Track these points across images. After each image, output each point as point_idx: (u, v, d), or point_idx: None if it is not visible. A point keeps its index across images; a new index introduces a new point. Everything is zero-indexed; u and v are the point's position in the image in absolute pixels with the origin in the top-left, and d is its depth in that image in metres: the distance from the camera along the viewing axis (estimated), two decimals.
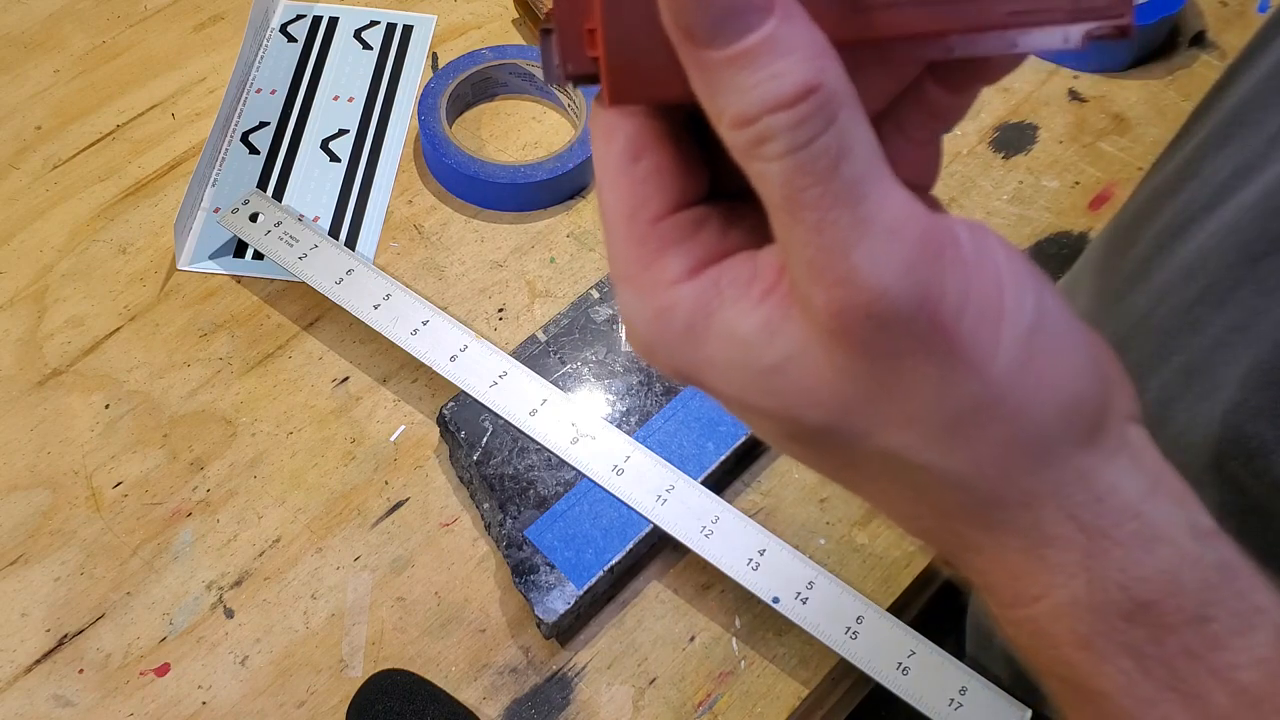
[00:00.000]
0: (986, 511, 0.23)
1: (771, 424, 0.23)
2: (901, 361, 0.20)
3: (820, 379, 0.21)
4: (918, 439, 0.22)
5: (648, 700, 0.48)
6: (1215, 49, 0.70)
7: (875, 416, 0.22)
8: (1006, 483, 0.22)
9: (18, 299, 0.58)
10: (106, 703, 0.47)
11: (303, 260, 0.56)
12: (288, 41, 0.69)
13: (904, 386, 0.21)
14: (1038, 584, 0.23)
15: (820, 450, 0.23)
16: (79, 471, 0.53)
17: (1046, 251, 0.61)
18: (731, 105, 0.19)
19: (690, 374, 0.23)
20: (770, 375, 0.22)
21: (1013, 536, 0.23)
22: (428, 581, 0.50)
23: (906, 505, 0.24)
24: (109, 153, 0.64)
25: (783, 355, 0.21)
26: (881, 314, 0.20)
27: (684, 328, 0.22)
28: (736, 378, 0.22)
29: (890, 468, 0.23)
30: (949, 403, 0.21)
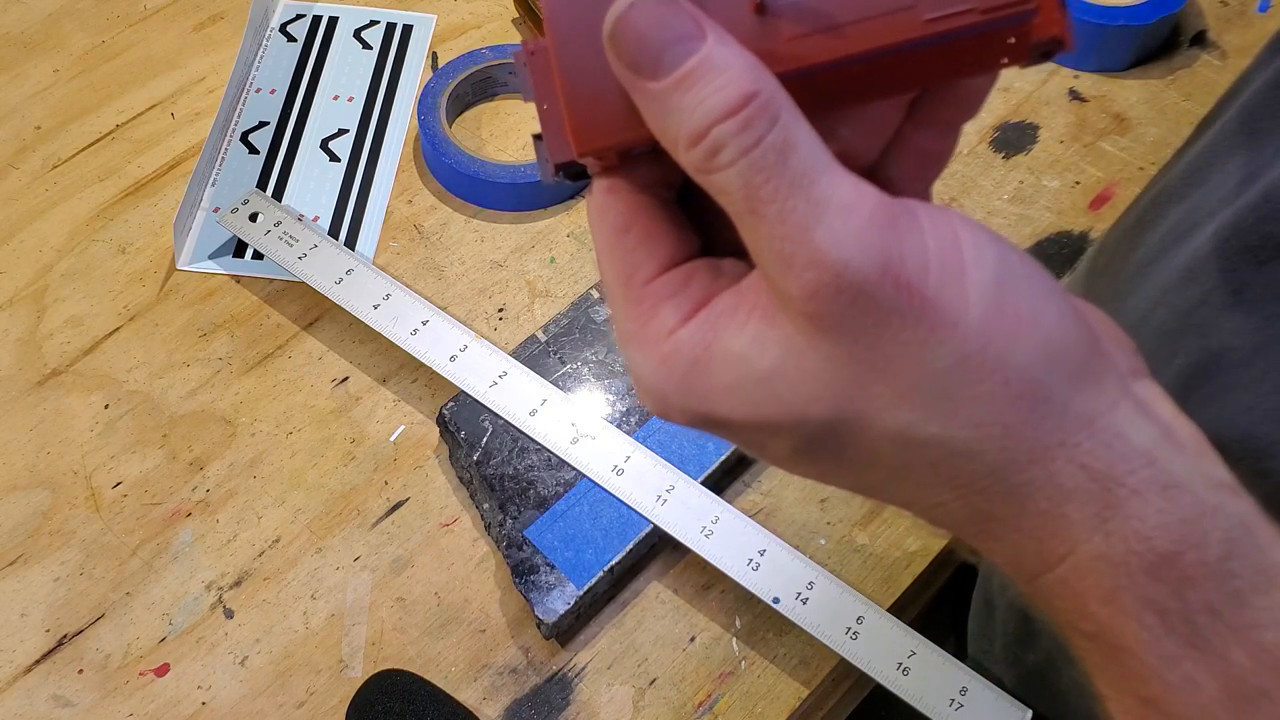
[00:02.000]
0: (999, 477, 0.23)
1: (783, 438, 0.23)
2: (880, 335, 0.21)
3: (812, 372, 0.22)
4: (917, 412, 0.22)
5: (648, 701, 0.48)
6: (1216, 49, 0.70)
7: (872, 399, 0.22)
8: (1011, 440, 0.22)
9: (17, 299, 0.58)
10: (106, 703, 0.47)
11: (302, 260, 0.56)
12: (287, 41, 0.69)
13: (889, 360, 0.22)
14: (1061, 544, 0.23)
15: (833, 454, 0.24)
16: (78, 471, 0.53)
17: (1047, 251, 0.61)
18: (683, 126, 0.21)
19: (703, 412, 0.24)
20: (769, 381, 0.22)
21: (1030, 498, 0.23)
22: (428, 582, 0.50)
23: (927, 492, 0.24)
24: (108, 152, 0.64)
25: (776, 359, 0.22)
26: (849, 286, 0.21)
27: (688, 366, 0.23)
28: (741, 395, 0.23)
29: (902, 453, 0.23)
30: (934, 366, 0.22)
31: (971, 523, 0.24)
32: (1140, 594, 0.23)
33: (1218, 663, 0.23)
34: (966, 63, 0.23)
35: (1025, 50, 0.23)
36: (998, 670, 0.48)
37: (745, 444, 0.25)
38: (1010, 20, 0.22)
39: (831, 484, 0.25)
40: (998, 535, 0.24)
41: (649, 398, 0.24)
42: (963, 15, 0.22)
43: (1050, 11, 0.23)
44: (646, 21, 0.21)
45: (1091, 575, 0.23)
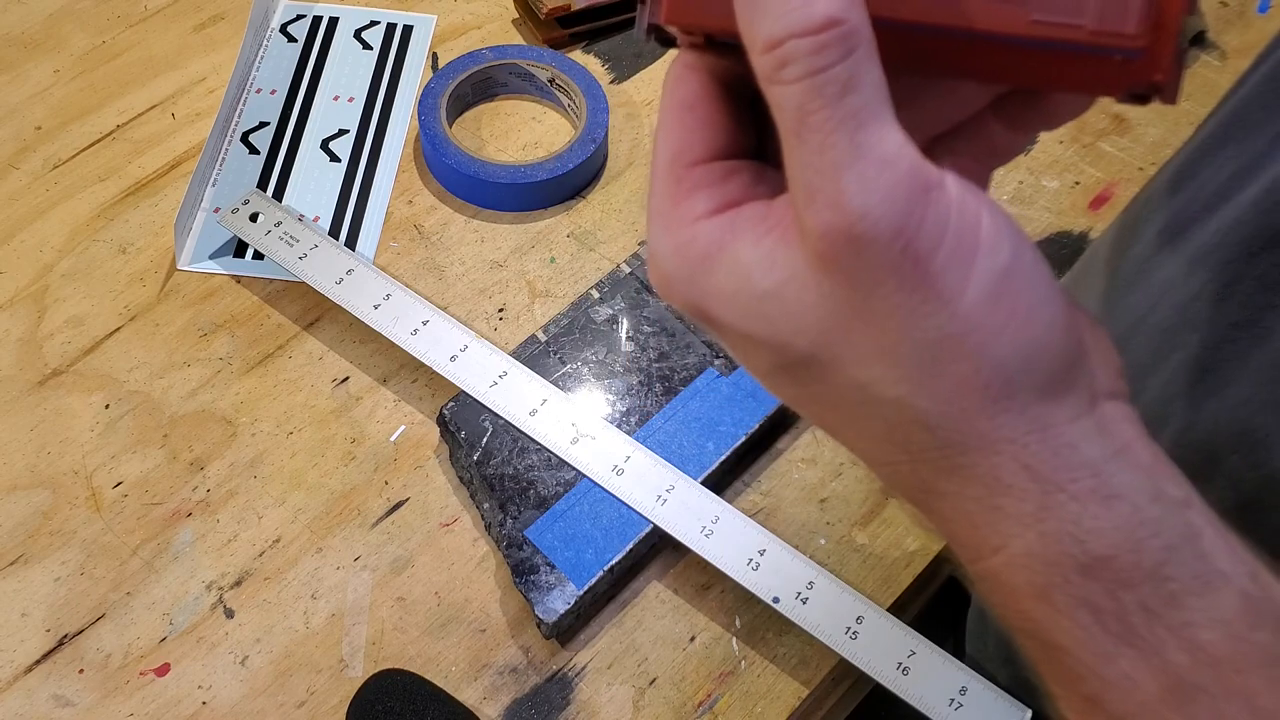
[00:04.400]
0: (949, 454, 0.24)
1: (763, 354, 0.24)
2: (875, 291, 0.22)
3: (807, 305, 0.23)
4: (888, 371, 0.23)
5: (648, 700, 0.48)
6: (1215, 49, 0.70)
7: (852, 346, 0.23)
8: (966, 423, 0.23)
9: (18, 299, 0.58)
10: (106, 703, 0.47)
11: (303, 260, 0.56)
12: (288, 41, 0.69)
13: (878, 316, 0.22)
14: (996, 535, 0.24)
15: (803, 383, 0.25)
16: (79, 471, 0.53)
17: (1046, 251, 0.61)
18: (763, 30, 0.21)
19: (699, 305, 0.24)
20: (765, 301, 0.23)
21: (971, 484, 0.24)
22: (428, 581, 0.50)
23: (880, 447, 0.25)
24: (109, 153, 0.64)
25: (777, 282, 0.23)
26: (861, 237, 0.21)
27: (699, 259, 0.24)
28: (737, 305, 0.24)
29: (865, 402, 0.24)
30: (917, 335, 0.22)
31: (919, 491, 0.25)
32: (1073, 592, 0.23)
33: (1155, 660, 0.23)
34: (1061, 77, 0.23)
35: (1121, 86, 0.22)
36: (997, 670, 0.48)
37: (729, 347, 0.26)
38: (1113, 51, 0.22)
39: (799, 410, 0.26)
40: (941, 511, 0.25)
41: (656, 276, 0.25)
42: (1068, 29, 0.21)
43: (1160, 57, 0.22)
44: None
45: (1024, 571, 0.24)
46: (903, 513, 0.53)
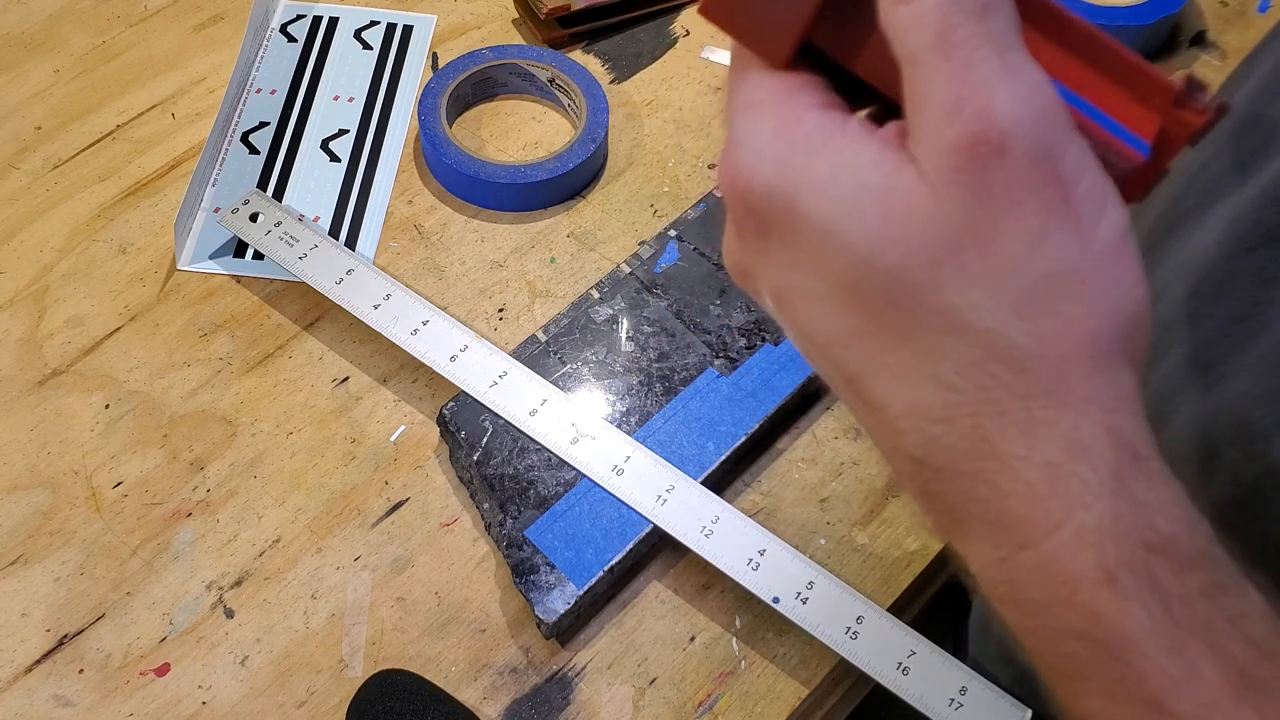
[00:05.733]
0: (1030, 405, 0.22)
1: (836, 263, 0.22)
2: (1011, 209, 0.21)
3: (916, 214, 0.21)
4: (991, 298, 0.21)
5: (648, 700, 0.48)
6: (1215, 49, 0.70)
7: (958, 266, 0.21)
8: (1062, 372, 0.22)
9: (18, 299, 0.58)
10: (106, 703, 0.47)
11: (303, 260, 0.56)
12: (288, 41, 0.69)
13: (1003, 238, 0.21)
14: (1061, 507, 0.22)
15: (871, 307, 0.22)
16: (79, 471, 0.53)
17: None
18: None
19: (786, 191, 0.23)
20: (867, 197, 0.22)
21: (1046, 443, 0.22)
22: (428, 581, 0.50)
23: (941, 394, 0.22)
24: (109, 153, 0.64)
25: (887, 184, 0.22)
26: (1011, 149, 0.20)
27: (804, 140, 0.23)
28: (832, 194, 0.22)
29: (949, 332, 0.22)
30: (1041, 264, 0.21)
31: (969, 457, 0.22)
32: (1142, 573, 0.22)
33: (1220, 652, 0.22)
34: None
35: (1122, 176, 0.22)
36: (997, 670, 0.48)
37: (790, 257, 0.23)
38: (1115, 159, 0.22)
39: (841, 352, 0.24)
40: (992, 483, 0.22)
41: (740, 157, 0.23)
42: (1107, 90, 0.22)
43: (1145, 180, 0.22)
44: None
45: (1091, 550, 0.22)
46: (903, 512, 0.53)
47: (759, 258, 0.25)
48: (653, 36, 0.70)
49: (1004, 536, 0.23)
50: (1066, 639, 0.23)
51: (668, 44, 0.70)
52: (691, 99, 0.67)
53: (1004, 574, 0.23)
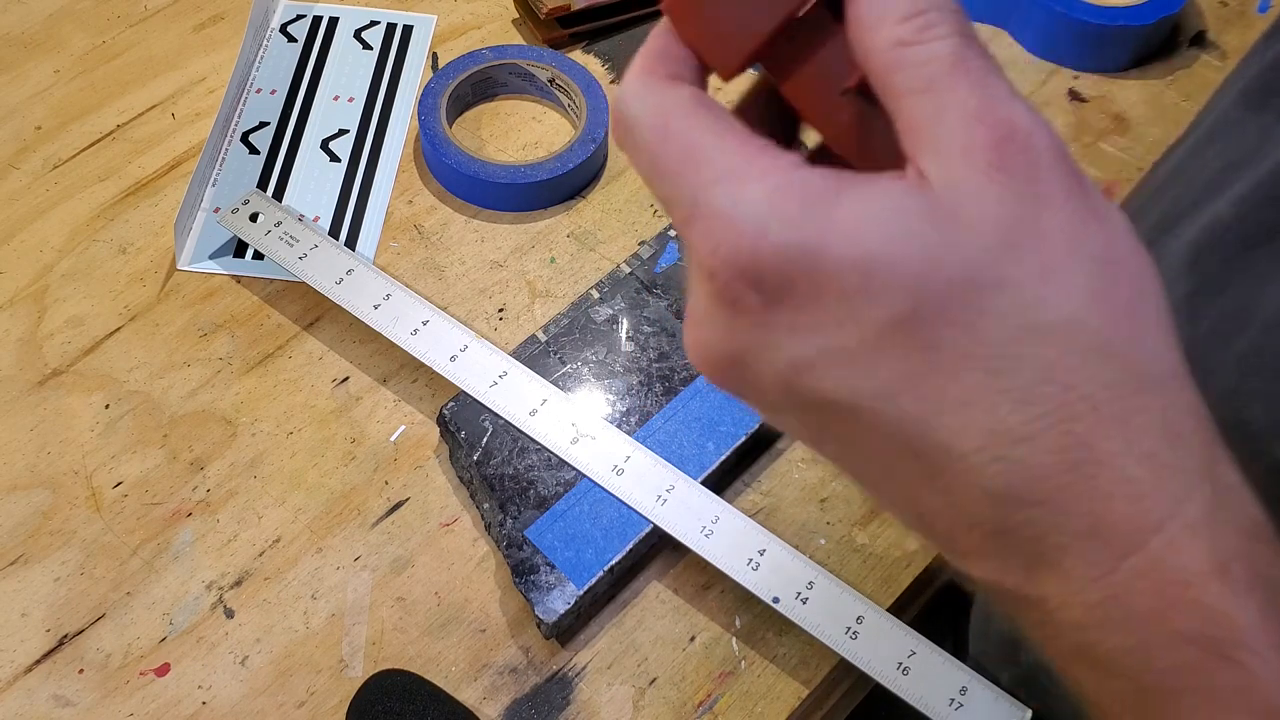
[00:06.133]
0: (1123, 393, 0.21)
1: (886, 303, 0.21)
2: (1048, 203, 0.21)
3: (964, 219, 0.21)
4: (1058, 289, 0.20)
5: (648, 700, 0.48)
6: (1215, 49, 0.70)
7: (1016, 262, 0.21)
8: (1146, 345, 0.21)
9: (18, 299, 0.58)
10: (106, 703, 0.47)
11: (303, 260, 0.56)
12: (288, 41, 0.69)
13: (1048, 230, 0.21)
14: (1166, 500, 0.20)
15: (931, 334, 0.21)
16: (79, 471, 0.53)
17: None
18: (901, 7, 0.22)
19: (810, 246, 0.21)
20: (909, 220, 0.21)
21: (1146, 433, 0.21)
22: (428, 581, 0.50)
23: (1021, 407, 0.21)
24: (109, 153, 0.64)
25: (922, 204, 0.21)
26: (1035, 146, 0.21)
27: (815, 195, 0.21)
28: (871, 233, 0.21)
29: (1016, 338, 0.21)
30: (1087, 248, 0.21)
31: (1059, 469, 0.21)
32: (1250, 562, 0.20)
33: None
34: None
35: None
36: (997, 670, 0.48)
37: (813, 319, 0.22)
38: None
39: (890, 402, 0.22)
40: (1087, 489, 0.21)
41: (735, 233, 0.22)
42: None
43: None
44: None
45: (1201, 542, 0.20)
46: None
47: (762, 334, 0.22)
48: None
49: (1106, 548, 0.21)
50: (1176, 648, 0.21)
51: None
52: None
53: (1103, 592, 0.21)
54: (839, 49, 0.23)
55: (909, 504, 0.23)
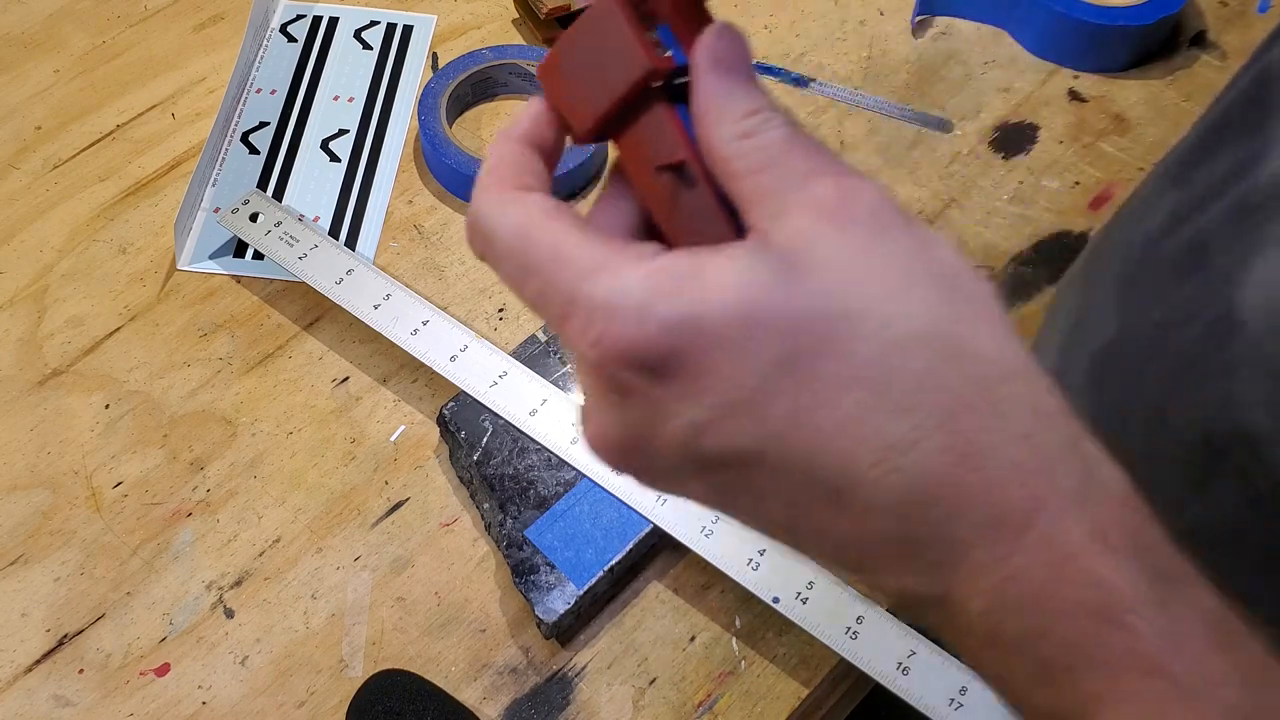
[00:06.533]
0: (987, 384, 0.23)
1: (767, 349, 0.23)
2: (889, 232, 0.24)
3: (820, 257, 0.23)
4: (917, 303, 0.23)
5: (648, 700, 0.48)
6: (1215, 49, 0.70)
7: (878, 285, 0.23)
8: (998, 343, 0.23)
9: (18, 299, 0.58)
10: (106, 703, 0.47)
11: (303, 260, 0.56)
12: (288, 41, 0.69)
13: (897, 256, 0.23)
14: (1046, 477, 0.22)
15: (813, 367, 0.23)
16: (79, 471, 0.53)
17: (1047, 251, 0.61)
18: (746, 101, 0.25)
19: (690, 317, 0.23)
20: (774, 271, 0.23)
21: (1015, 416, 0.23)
22: (428, 581, 0.50)
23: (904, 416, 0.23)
24: (109, 153, 0.64)
25: (783, 257, 0.23)
26: (873, 193, 0.24)
27: (685, 272, 0.23)
28: (742, 292, 0.23)
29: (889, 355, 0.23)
30: (932, 266, 0.23)
31: (949, 466, 0.22)
32: (1124, 527, 0.22)
33: (1195, 603, 0.22)
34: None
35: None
36: None
37: (703, 383, 0.23)
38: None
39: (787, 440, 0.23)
40: (977, 479, 0.22)
41: (615, 319, 0.23)
42: None
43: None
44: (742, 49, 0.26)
45: (1081, 515, 0.22)
46: None
47: (655, 409, 0.24)
48: None
49: (1004, 532, 0.22)
50: (1070, 618, 0.22)
51: None
52: None
53: (1009, 572, 0.22)
54: (669, 132, 0.26)
55: (823, 536, 0.24)
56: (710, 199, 0.26)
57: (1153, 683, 0.21)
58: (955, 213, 0.63)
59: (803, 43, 0.70)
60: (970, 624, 0.23)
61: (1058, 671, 0.22)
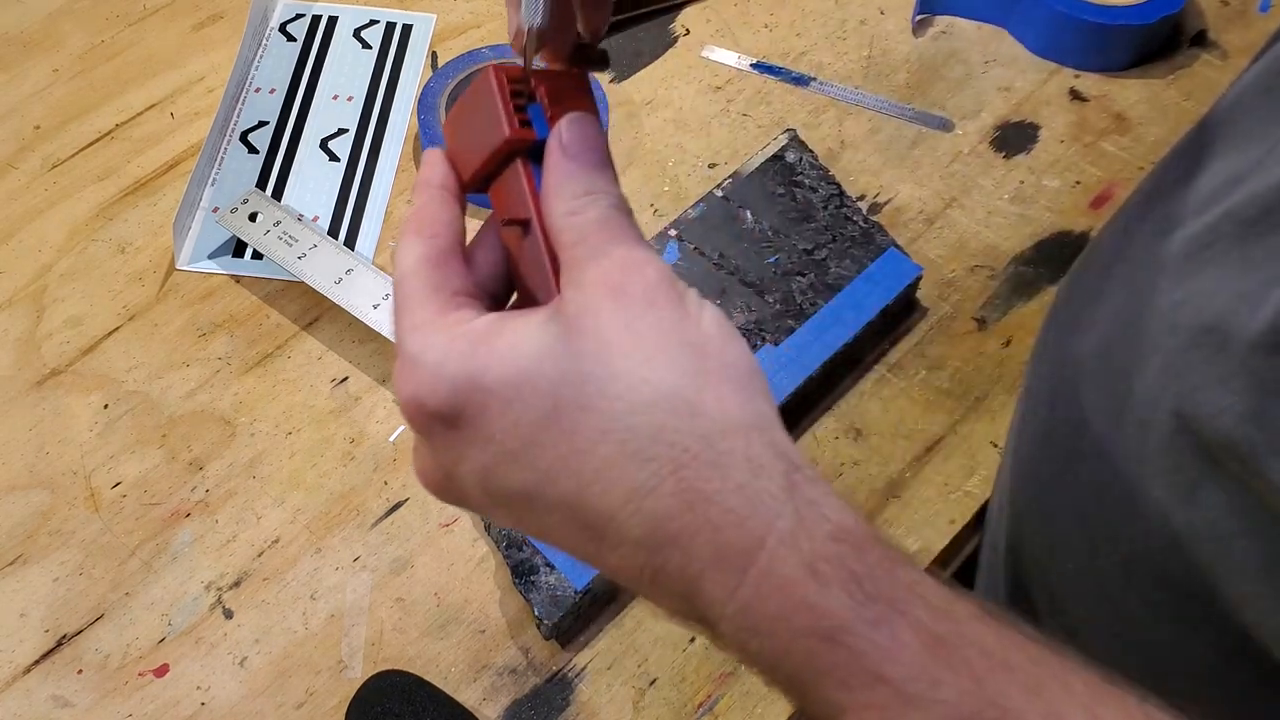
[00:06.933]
0: (713, 441, 0.26)
1: (535, 404, 0.27)
2: (652, 307, 0.28)
3: (587, 326, 0.27)
4: (659, 369, 0.27)
5: (648, 701, 0.48)
6: (1216, 48, 0.70)
7: (627, 354, 0.27)
8: (723, 406, 0.27)
9: (16, 299, 0.58)
10: (105, 703, 0.47)
11: (302, 260, 0.56)
12: (287, 40, 0.69)
13: (657, 325, 0.27)
14: (761, 521, 0.26)
15: (571, 420, 0.27)
16: (78, 472, 0.53)
17: (1048, 251, 0.61)
18: (581, 184, 0.30)
19: (473, 373, 0.28)
20: (546, 336, 0.27)
21: (734, 469, 0.26)
22: (427, 582, 0.50)
23: (644, 465, 0.26)
24: (108, 152, 0.64)
25: (559, 325, 0.28)
26: (648, 270, 0.28)
27: (478, 335, 0.28)
28: (518, 352, 0.27)
29: (633, 411, 0.26)
30: (685, 337, 0.27)
31: (681, 510, 0.26)
32: (835, 560, 0.25)
33: (909, 617, 0.25)
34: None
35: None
36: None
37: (485, 431, 0.28)
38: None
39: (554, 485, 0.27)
40: (704, 523, 0.26)
41: (417, 374, 0.28)
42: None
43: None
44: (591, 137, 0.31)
45: (794, 552, 0.26)
46: (905, 513, 0.53)
47: (452, 452, 0.29)
48: (653, 35, 0.70)
49: (729, 568, 0.26)
50: (801, 641, 0.26)
51: (668, 43, 0.70)
52: (692, 98, 0.67)
53: (740, 604, 0.26)
54: (523, 193, 0.31)
55: (602, 565, 0.28)
56: (543, 256, 0.30)
57: (880, 691, 0.25)
58: (956, 212, 0.63)
59: (803, 42, 0.70)
60: (728, 645, 0.27)
61: (803, 685, 0.26)
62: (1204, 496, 0.34)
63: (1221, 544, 0.33)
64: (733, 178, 0.59)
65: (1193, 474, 0.34)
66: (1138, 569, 0.37)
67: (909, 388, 0.56)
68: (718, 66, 0.69)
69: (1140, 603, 0.38)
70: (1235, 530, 0.33)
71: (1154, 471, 0.36)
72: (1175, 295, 0.36)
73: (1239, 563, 0.33)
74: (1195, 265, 0.35)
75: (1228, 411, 0.32)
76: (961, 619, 0.26)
